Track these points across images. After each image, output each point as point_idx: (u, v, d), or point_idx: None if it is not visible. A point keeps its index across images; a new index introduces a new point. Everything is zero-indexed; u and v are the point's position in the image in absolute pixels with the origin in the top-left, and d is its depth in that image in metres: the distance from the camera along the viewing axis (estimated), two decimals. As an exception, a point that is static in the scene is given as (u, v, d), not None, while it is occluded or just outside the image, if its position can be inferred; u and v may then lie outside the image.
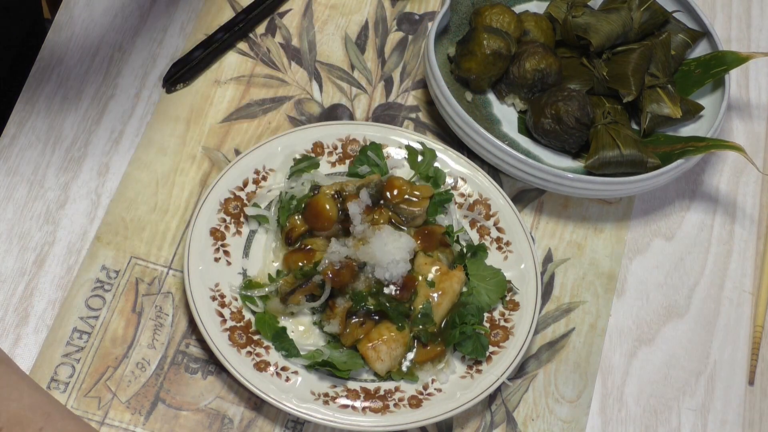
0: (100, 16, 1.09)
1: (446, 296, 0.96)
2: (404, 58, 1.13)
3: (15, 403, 0.76)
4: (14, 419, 0.75)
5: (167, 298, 0.96)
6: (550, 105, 1.05)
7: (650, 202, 1.09)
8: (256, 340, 0.93)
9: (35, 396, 0.77)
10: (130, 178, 1.01)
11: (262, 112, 1.07)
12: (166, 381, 0.92)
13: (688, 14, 1.15)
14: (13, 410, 0.76)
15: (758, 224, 1.10)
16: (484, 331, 0.95)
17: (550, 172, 1.02)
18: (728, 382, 1.01)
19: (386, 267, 0.94)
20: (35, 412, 0.76)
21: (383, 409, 0.91)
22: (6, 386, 0.77)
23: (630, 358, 1.00)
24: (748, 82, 1.19)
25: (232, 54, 1.10)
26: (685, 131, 1.10)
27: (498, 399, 0.96)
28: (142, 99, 1.06)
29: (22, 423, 0.75)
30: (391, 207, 0.98)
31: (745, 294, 1.06)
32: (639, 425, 0.97)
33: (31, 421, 0.75)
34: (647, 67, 1.10)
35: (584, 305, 1.02)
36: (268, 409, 0.92)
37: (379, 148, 1.03)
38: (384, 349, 0.93)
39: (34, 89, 1.04)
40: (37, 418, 0.76)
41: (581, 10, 1.11)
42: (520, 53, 1.08)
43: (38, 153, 1.01)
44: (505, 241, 1.01)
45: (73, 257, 0.97)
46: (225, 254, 0.97)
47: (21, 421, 0.75)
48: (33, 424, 0.75)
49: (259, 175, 1.01)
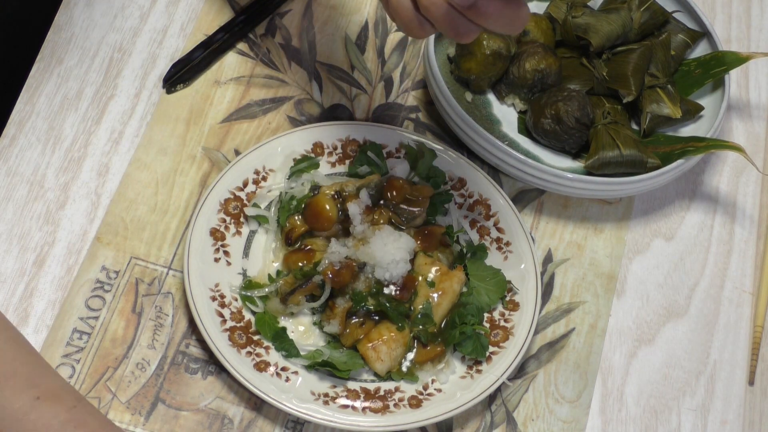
0: (100, 17, 1.09)
1: (446, 296, 0.96)
2: (404, 58, 1.13)
3: (51, 380, 0.79)
4: (51, 392, 0.78)
5: (167, 299, 0.96)
6: (550, 105, 1.05)
7: (650, 202, 1.09)
8: (256, 340, 0.93)
9: (65, 381, 0.81)
10: (130, 179, 1.01)
11: (262, 112, 1.07)
12: (166, 381, 0.92)
13: (688, 14, 1.15)
14: (50, 384, 0.79)
15: (758, 224, 1.10)
16: (484, 331, 0.95)
17: (549, 172, 1.02)
18: (728, 382, 1.01)
19: (386, 267, 0.94)
20: (69, 393, 0.79)
21: (383, 410, 0.91)
22: (42, 366, 0.80)
23: (630, 358, 1.00)
24: (748, 82, 1.19)
25: (232, 54, 1.10)
26: (685, 131, 1.10)
27: (498, 399, 0.96)
28: (142, 99, 1.06)
29: (58, 397, 0.78)
30: (391, 207, 0.98)
31: (745, 294, 1.06)
32: (639, 425, 0.97)
33: (65, 399, 0.78)
34: (647, 67, 1.10)
35: (584, 305, 1.02)
36: (268, 410, 0.92)
37: (379, 148, 1.03)
38: (384, 350, 0.93)
39: (34, 89, 1.04)
40: (70, 397, 0.78)
41: (581, 10, 1.12)
42: (520, 53, 1.08)
43: (38, 153, 1.01)
44: (505, 241, 1.01)
45: (73, 257, 0.97)
46: (225, 254, 0.97)
47: (57, 395, 0.78)
48: (66, 401, 0.78)
49: (259, 175, 1.01)
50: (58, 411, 0.77)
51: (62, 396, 0.78)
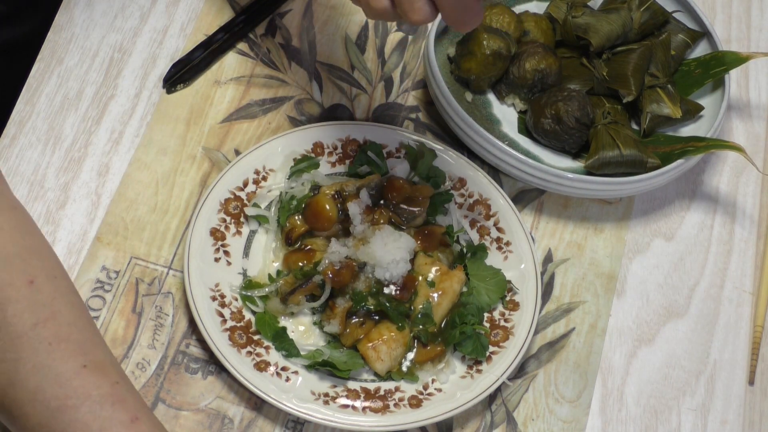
0: (100, 17, 1.09)
1: (446, 296, 0.96)
2: (404, 58, 1.13)
3: (101, 352, 0.80)
4: (98, 364, 0.78)
5: (167, 299, 0.96)
6: (550, 105, 1.05)
7: (650, 202, 1.09)
8: (256, 340, 0.93)
9: (114, 357, 0.82)
10: (130, 179, 1.01)
11: (262, 112, 1.07)
12: (166, 381, 0.92)
13: (688, 14, 1.15)
14: (99, 356, 0.79)
15: (758, 224, 1.10)
16: (484, 331, 0.95)
17: (550, 172, 1.02)
18: (728, 382, 1.01)
19: (386, 267, 0.94)
20: (114, 368, 0.79)
21: (383, 409, 0.91)
22: (96, 337, 0.81)
23: (630, 358, 1.00)
24: (748, 82, 1.19)
25: (232, 54, 1.10)
26: (685, 131, 1.10)
27: (498, 399, 0.96)
28: (142, 99, 1.06)
29: (103, 370, 0.78)
30: (391, 207, 0.98)
31: (745, 294, 1.06)
32: (639, 425, 0.97)
33: (110, 373, 0.78)
34: (647, 67, 1.10)
35: (584, 305, 1.02)
36: (269, 409, 0.92)
37: (379, 148, 1.03)
38: (384, 349, 0.93)
39: (34, 89, 1.04)
40: (114, 373, 0.79)
41: (581, 10, 1.12)
42: (520, 53, 1.08)
43: (38, 153, 1.01)
44: (505, 241, 1.01)
45: (73, 257, 0.97)
46: (225, 254, 0.97)
47: (103, 368, 0.78)
48: (110, 376, 0.78)
49: (259, 175, 1.01)
50: (101, 383, 0.77)
51: (108, 370, 0.78)
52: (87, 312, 0.82)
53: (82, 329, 0.80)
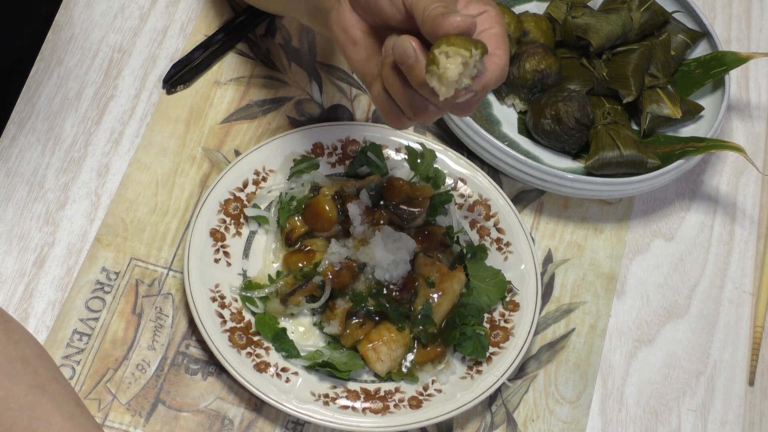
0: (100, 17, 1.09)
1: (446, 297, 0.96)
2: (404, 58, 1.13)
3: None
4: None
5: (167, 300, 0.96)
6: (550, 105, 1.05)
7: (650, 203, 1.09)
8: (256, 341, 0.93)
9: (66, 427, 0.73)
10: (130, 179, 1.01)
11: (261, 112, 1.07)
12: (166, 382, 0.92)
13: (688, 14, 1.15)
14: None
15: (758, 224, 1.10)
16: (484, 331, 0.95)
17: (549, 172, 1.02)
18: (728, 382, 1.01)
19: (386, 268, 0.94)
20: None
21: (383, 410, 0.91)
22: (36, 419, 0.73)
23: (630, 359, 1.00)
24: (748, 82, 1.19)
25: (231, 55, 1.10)
26: (685, 131, 1.10)
27: (498, 400, 0.96)
28: (142, 100, 1.06)
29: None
30: (391, 208, 0.98)
31: (745, 294, 1.06)
32: (639, 426, 0.97)
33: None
34: (647, 67, 1.10)
35: (584, 306, 1.02)
36: (269, 410, 0.92)
37: (379, 149, 1.03)
38: (384, 350, 0.93)
39: (34, 89, 1.04)
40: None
41: (581, 10, 1.11)
42: (520, 54, 1.08)
43: (38, 154, 1.01)
44: (505, 241, 1.01)
45: (73, 258, 0.97)
46: (225, 255, 0.97)
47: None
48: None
49: (259, 176, 1.01)
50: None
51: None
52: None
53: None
